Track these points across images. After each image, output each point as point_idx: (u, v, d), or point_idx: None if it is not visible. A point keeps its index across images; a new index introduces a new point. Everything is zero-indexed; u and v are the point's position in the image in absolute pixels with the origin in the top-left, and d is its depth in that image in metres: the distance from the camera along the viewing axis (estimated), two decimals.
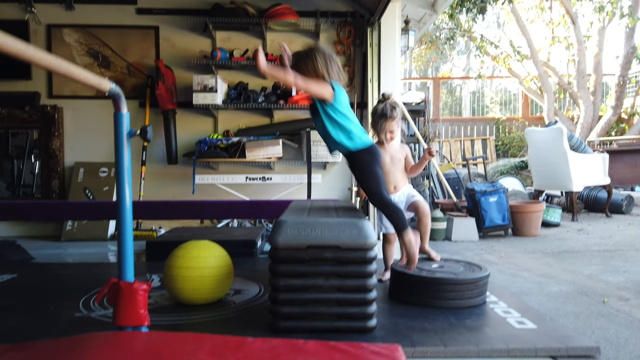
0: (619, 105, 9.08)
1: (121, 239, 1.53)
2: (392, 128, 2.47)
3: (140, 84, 4.48)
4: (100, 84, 1.36)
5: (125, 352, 1.35)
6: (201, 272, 2.02)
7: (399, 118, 2.48)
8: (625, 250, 3.58)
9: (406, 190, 2.56)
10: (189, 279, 2.02)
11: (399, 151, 2.56)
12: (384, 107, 2.46)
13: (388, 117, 2.45)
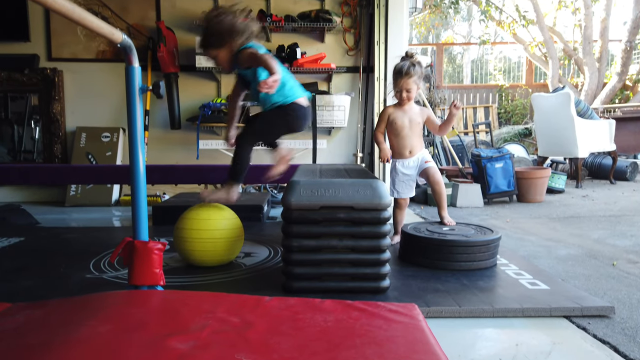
0: (624, 72, 8.94)
1: (135, 198, 1.50)
2: (408, 86, 2.40)
3: (141, 46, 4.37)
4: (112, 34, 1.31)
5: (143, 309, 1.34)
6: (212, 234, 2.01)
7: (417, 77, 2.40)
8: (631, 216, 3.58)
9: (421, 155, 2.52)
10: (199, 241, 2.00)
11: (419, 114, 2.50)
12: (403, 64, 2.39)
13: (404, 73, 2.38)
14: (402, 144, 2.52)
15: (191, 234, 2.01)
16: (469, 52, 12.96)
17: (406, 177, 2.54)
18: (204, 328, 1.22)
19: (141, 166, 1.49)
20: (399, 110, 2.51)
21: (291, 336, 1.21)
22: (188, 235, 2.02)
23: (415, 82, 2.40)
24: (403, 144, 2.52)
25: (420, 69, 2.40)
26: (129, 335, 1.17)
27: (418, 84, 2.43)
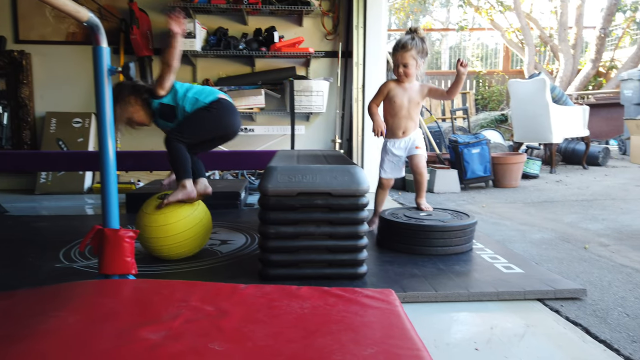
0: (598, 58, 9.09)
1: (105, 184, 1.45)
2: (405, 60, 2.28)
3: (113, 29, 4.23)
4: (77, 12, 1.25)
5: (114, 299, 1.31)
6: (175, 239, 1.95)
7: (416, 51, 2.27)
8: (603, 200, 3.66)
9: (413, 136, 2.44)
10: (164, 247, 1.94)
11: (419, 93, 2.39)
12: (402, 37, 2.29)
13: (400, 47, 2.27)
14: (398, 124, 2.42)
15: (153, 242, 1.95)
16: (447, 38, 12.97)
17: (395, 158, 2.47)
18: (177, 317, 1.19)
19: (111, 152, 1.44)
20: (399, 87, 2.38)
21: (266, 324, 1.20)
22: (150, 245, 1.96)
23: (414, 57, 2.27)
24: (398, 124, 2.42)
25: (421, 43, 2.27)
26: (98, 326, 1.14)
27: (417, 59, 2.29)
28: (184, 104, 2.10)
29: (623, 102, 6.52)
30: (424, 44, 2.29)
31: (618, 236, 2.61)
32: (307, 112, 4.20)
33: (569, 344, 1.33)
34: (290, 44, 4.12)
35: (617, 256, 2.24)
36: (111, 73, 1.41)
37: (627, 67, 8.41)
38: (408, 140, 2.44)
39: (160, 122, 2.17)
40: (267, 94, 4.21)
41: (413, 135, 2.44)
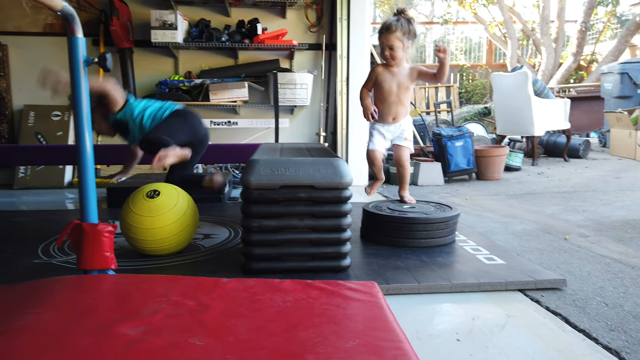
0: (579, 52, 9.21)
1: (82, 178, 1.42)
2: (390, 43, 2.20)
3: (92, 20, 4.15)
4: (50, 1, 1.21)
5: (93, 295, 1.28)
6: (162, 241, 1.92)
7: (402, 33, 2.18)
8: (583, 192, 3.71)
9: (404, 124, 2.39)
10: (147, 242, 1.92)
11: (408, 77, 2.30)
12: (387, 19, 2.21)
13: (385, 28, 2.20)
14: (387, 110, 2.34)
15: (136, 242, 1.93)
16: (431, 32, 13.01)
17: (382, 137, 2.41)
18: (157, 312, 1.17)
19: (88, 145, 1.41)
20: (387, 71, 2.31)
21: (249, 317, 1.19)
22: (133, 242, 1.94)
23: (399, 39, 2.18)
24: (388, 111, 2.34)
25: (407, 24, 2.18)
26: (76, 322, 1.11)
27: (404, 41, 2.20)
28: (141, 121, 2.27)
29: (603, 95, 6.62)
30: (410, 25, 2.20)
31: (598, 227, 2.65)
32: (291, 105, 4.17)
33: (549, 334, 1.35)
34: (274, 36, 4.08)
35: (597, 247, 2.27)
36: (87, 64, 1.38)
37: (607, 60, 8.53)
38: (398, 127, 2.38)
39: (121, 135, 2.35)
40: (250, 87, 4.17)
41: (404, 122, 2.38)
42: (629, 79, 6.11)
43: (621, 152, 5.48)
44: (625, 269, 1.94)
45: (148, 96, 4.10)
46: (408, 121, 2.43)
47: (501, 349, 1.25)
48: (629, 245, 2.28)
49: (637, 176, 4.32)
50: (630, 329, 1.38)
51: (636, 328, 1.38)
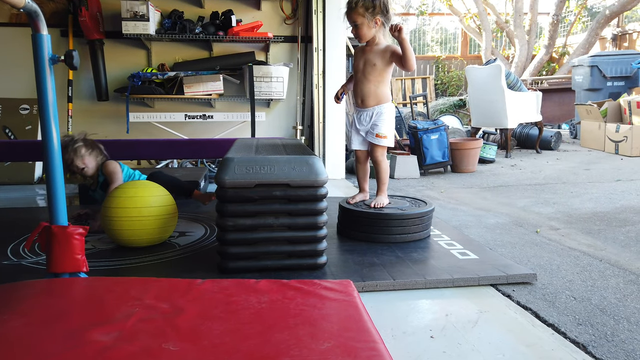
0: (551, 44, 9.37)
1: (50, 179, 1.38)
2: (353, 19, 2.11)
3: (61, 10, 4.03)
4: None
5: (64, 299, 1.26)
6: (140, 212, 1.91)
7: (363, 9, 2.08)
8: (554, 184, 3.80)
9: (376, 115, 2.23)
10: (127, 219, 1.91)
11: (379, 55, 2.16)
12: None
13: (347, 6, 2.13)
14: (355, 90, 2.26)
15: (118, 212, 1.91)
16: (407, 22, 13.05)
17: (357, 132, 2.33)
18: (130, 316, 1.16)
19: (55, 144, 1.37)
20: (360, 51, 2.24)
21: (223, 320, 1.18)
22: (115, 214, 1.91)
23: (362, 15, 2.09)
24: (356, 91, 2.26)
25: (373, 1, 2.07)
26: (46, 328, 1.09)
27: (368, 17, 2.10)
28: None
29: (574, 87, 6.76)
30: (375, 1, 2.07)
31: (567, 219, 2.72)
32: (267, 98, 4.14)
33: (519, 329, 1.38)
34: (249, 28, 4.03)
35: (566, 239, 2.33)
36: (53, 62, 1.34)
37: (578, 53, 8.71)
38: (369, 115, 2.25)
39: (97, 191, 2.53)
40: (225, 80, 4.12)
41: (376, 113, 2.23)
42: (599, 72, 6.26)
43: (591, 144, 5.62)
44: (593, 261, 2.00)
45: (120, 89, 4.01)
46: (383, 114, 2.24)
47: (473, 345, 1.28)
48: (597, 238, 2.35)
49: (606, 168, 4.44)
50: (596, 322, 1.42)
51: (602, 322, 1.43)
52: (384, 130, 2.25)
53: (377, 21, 2.13)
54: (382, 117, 2.25)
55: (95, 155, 2.45)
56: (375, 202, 2.25)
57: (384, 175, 2.30)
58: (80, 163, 2.38)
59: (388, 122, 2.26)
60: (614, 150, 5.19)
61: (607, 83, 6.26)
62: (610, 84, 6.26)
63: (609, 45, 9.02)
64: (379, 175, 2.31)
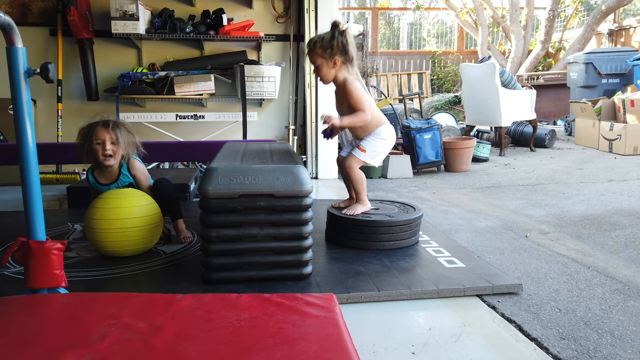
0: (547, 40, 9.33)
1: (27, 194, 1.36)
2: (312, 60, 2.11)
3: (50, 8, 3.98)
4: None
5: (40, 318, 1.24)
6: (124, 223, 1.89)
7: (321, 49, 2.06)
8: (547, 184, 3.79)
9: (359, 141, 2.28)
10: (110, 231, 1.88)
11: (344, 95, 2.14)
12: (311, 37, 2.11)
13: (307, 48, 2.12)
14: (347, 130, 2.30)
15: (101, 224, 1.89)
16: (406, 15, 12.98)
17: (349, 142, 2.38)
18: (106, 337, 1.14)
19: (32, 159, 1.34)
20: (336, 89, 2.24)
21: (201, 340, 1.17)
22: (98, 226, 1.89)
23: (320, 55, 2.07)
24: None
25: (330, 41, 2.05)
26: (21, 350, 1.07)
27: (327, 58, 2.07)
28: None
29: (569, 84, 6.74)
30: (333, 41, 2.04)
31: (558, 223, 2.71)
32: (258, 98, 4.11)
33: (502, 343, 1.37)
34: (240, 27, 4.00)
35: (556, 244, 2.33)
36: (28, 75, 1.31)
37: (574, 48, 8.68)
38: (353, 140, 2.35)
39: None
40: (217, 79, 4.09)
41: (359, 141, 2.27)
42: (594, 69, 6.23)
43: (585, 142, 5.61)
44: (581, 269, 1.99)
45: (111, 89, 3.98)
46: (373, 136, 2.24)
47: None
48: (587, 243, 2.34)
49: (599, 167, 4.43)
50: (580, 336, 1.41)
51: (585, 335, 1.42)
52: (366, 145, 2.25)
53: (335, 61, 2.09)
54: (371, 138, 2.25)
55: (127, 149, 2.17)
56: (347, 209, 2.23)
57: (357, 185, 2.27)
58: (111, 147, 2.10)
59: (376, 142, 2.25)
60: (607, 148, 5.19)
61: (602, 80, 6.24)
62: (605, 81, 6.23)
63: (605, 40, 8.99)
64: (353, 185, 2.29)
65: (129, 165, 2.21)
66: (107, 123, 2.12)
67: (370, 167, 4.16)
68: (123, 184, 2.22)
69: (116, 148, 2.12)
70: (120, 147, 2.13)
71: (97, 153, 2.10)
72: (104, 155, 2.10)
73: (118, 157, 2.16)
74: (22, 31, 3.62)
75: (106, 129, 2.10)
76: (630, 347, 1.35)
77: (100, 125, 2.11)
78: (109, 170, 2.20)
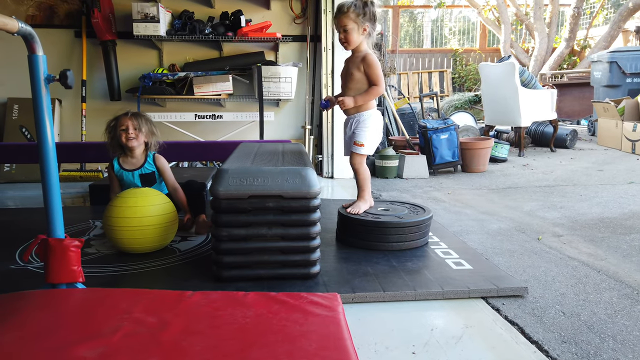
0: (572, 37, 9.15)
1: (47, 195, 1.44)
2: (343, 23, 2.11)
3: (75, 11, 4.11)
4: (5, 25, 1.22)
5: (56, 312, 1.32)
6: (140, 221, 1.97)
7: (354, 14, 2.09)
8: (564, 186, 3.75)
9: (355, 122, 2.26)
10: (127, 229, 1.96)
11: (357, 64, 2.17)
12: (342, 2, 2.13)
13: (338, 11, 2.12)
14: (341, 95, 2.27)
15: (118, 222, 1.97)
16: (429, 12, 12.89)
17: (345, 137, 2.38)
18: (117, 331, 1.21)
19: (52, 161, 1.42)
20: (346, 60, 2.27)
21: (206, 336, 1.22)
22: (115, 224, 1.97)
23: (353, 20, 2.09)
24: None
25: (364, 7, 2.08)
26: (35, 344, 1.15)
27: (359, 23, 2.10)
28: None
29: (593, 83, 6.61)
30: (366, 8, 2.09)
31: (572, 225, 2.69)
32: (275, 98, 4.16)
33: (502, 346, 1.39)
34: (258, 28, 4.06)
35: (568, 247, 2.31)
36: (48, 81, 1.38)
37: (599, 46, 8.49)
38: (350, 122, 2.29)
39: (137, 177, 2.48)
40: (235, 80, 4.16)
41: (356, 117, 2.25)
42: (618, 68, 6.10)
43: (608, 143, 5.50)
44: (591, 272, 1.98)
45: (132, 89, 4.09)
46: (362, 122, 2.25)
47: None
48: (600, 246, 2.33)
49: (620, 169, 4.35)
50: (581, 340, 1.42)
51: (587, 340, 1.42)
52: (362, 138, 2.25)
53: (365, 28, 2.13)
54: (361, 125, 2.26)
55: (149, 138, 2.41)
56: (351, 207, 2.27)
57: (362, 183, 2.30)
58: (133, 131, 2.34)
59: (368, 131, 2.25)
60: (630, 149, 5.08)
61: (626, 79, 6.10)
62: (630, 80, 6.09)
63: (632, 38, 8.77)
64: (357, 182, 2.33)
65: (155, 157, 2.46)
66: (128, 113, 2.41)
67: (386, 167, 4.19)
68: (147, 171, 2.44)
69: (138, 133, 2.38)
70: (141, 132, 2.39)
71: (121, 137, 2.36)
72: (127, 138, 2.35)
73: (140, 141, 2.40)
74: (48, 33, 3.76)
75: (128, 117, 2.39)
76: (632, 352, 1.35)
77: (123, 115, 2.41)
78: (134, 156, 2.43)
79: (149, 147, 2.45)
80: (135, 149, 2.40)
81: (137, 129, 2.37)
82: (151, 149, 2.46)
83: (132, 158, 2.43)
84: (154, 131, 2.46)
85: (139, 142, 2.39)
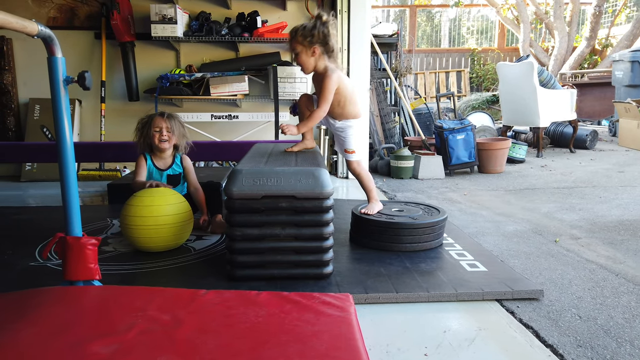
0: (593, 36, 8.99)
1: (65, 194, 1.47)
2: (293, 47, 2.12)
3: (95, 13, 4.18)
4: (25, 27, 1.25)
5: (73, 309, 1.34)
6: (156, 220, 2.00)
7: (302, 38, 2.06)
8: (583, 187, 3.69)
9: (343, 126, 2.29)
10: (144, 228, 1.99)
11: (319, 84, 2.17)
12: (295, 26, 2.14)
13: (289, 35, 2.12)
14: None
15: (135, 221, 2.00)
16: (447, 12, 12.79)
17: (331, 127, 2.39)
18: (132, 328, 1.23)
19: (70, 162, 1.45)
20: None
21: (218, 334, 1.23)
22: (132, 222, 2.00)
23: (300, 43, 2.08)
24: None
25: (312, 30, 2.05)
26: (52, 340, 1.17)
27: (306, 46, 2.08)
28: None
29: (614, 83, 6.49)
30: (314, 30, 2.06)
31: (591, 228, 2.64)
32: (291, 98, 4.17)
33: (516, 349, 1.38)
34: (274, 29, 4.07)
35: (585, 250, 2.28)
36: (67, 83, 1.41)
37: (621, 45, 8.33)
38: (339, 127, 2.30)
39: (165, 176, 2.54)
40: (251, 80, 4.18)
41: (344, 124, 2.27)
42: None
43: (629, 143, 5.39)
44: (609, 276, 1.94)
45: (150, 90, 4.14)
46: (347, 130, 2.29)
47: None
48: (619, 249, 2.28)
49: None
50: (598, 344, 1.40)
51: (604, 344, 1.40)
52: (351, 145, 2.32)
53: (314, 50, 2.09)
54: (348, 133, 2.31)
55: (180, 140, 2.45)
56: (365, 209, 2.31)
57: (367, 185, 2.37)
58: (167, 134, 2.37)
59: (355, 137, 2.32)
60: None
61: None
62: None
63: None
64: (363, 186, 2.39)
65: (182, 158, 2.52)
66: (163, 114, 2.44)
67: (401, 168, 4.18)
68: (174, 172, 2.51)
69: (170, 135, 2.41)
70: (174, 135, 2.42)
71: (154, 138, 2.39)
72: (160, 140, 2.38)
73: (172, 144, 2.44)
74: (69, 35, 3.82)
75: (163, 119, 2.41)
76: None
77: (158, 115, 2.44)
78: (163, 157, 2.48)
79: (178, 148, 2.50)
80: (165, 150, 2.44)
81: (170, 131, 2.40)
82: (180, 151, 2.50)
83: (161, 159, 2.48)
84: (185, 134, 2.51)
85: (170, 144, 2.43)
